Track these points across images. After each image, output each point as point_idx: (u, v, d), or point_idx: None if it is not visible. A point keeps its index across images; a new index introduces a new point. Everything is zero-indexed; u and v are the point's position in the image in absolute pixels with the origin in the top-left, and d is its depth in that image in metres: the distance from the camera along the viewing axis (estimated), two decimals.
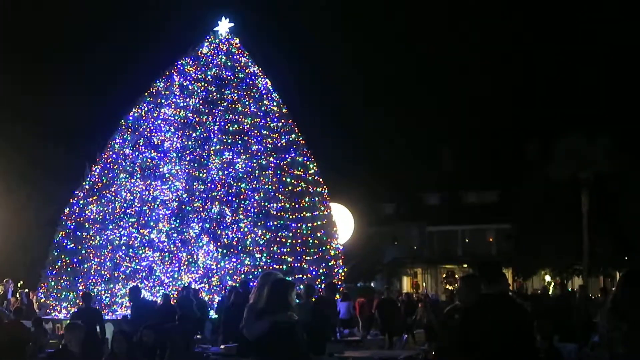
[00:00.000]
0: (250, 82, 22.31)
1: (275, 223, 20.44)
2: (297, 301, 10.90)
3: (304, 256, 20.48)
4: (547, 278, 44.78)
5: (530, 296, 23.20)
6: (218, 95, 21.71)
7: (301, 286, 14.37)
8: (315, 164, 22.46)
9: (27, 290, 22.32)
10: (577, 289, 22.90)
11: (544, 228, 38.18)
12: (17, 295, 21.67)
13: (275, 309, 6.75)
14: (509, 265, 40.70)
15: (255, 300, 7.03)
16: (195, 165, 20.69)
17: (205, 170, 20.62)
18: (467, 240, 54.35)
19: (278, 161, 21.26)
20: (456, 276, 49.81)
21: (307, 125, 24.01)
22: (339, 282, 21.52)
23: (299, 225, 20.76)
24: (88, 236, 20.67)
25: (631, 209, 35.86)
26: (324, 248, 21.22)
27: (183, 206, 20.20)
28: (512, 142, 46.97)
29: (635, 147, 35.52)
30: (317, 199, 21.84)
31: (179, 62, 22.60)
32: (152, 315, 13.45)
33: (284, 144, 21.72)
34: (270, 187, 20.74)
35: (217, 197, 20.32)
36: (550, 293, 25.12)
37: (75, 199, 21.67)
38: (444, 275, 51.55)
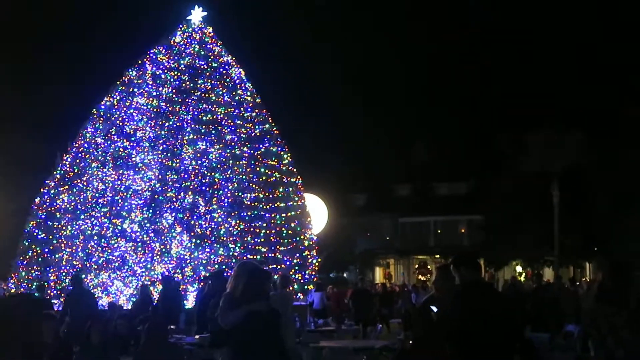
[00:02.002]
0: (224, 72, 22.22)
1: (249, 213, 20.42)
2: (272, 292, 10.90)
3: (278, 246, 20.50)
4: (519, 269, 45.27)
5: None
6: (191, 85, 21.60)
7: (276, 276, 14.36)
8: (289, 154, 22.44)
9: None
10: (552, 279, 23.09)
11: (515, 220, 38.49)
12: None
13: (250, 298, 6.70)
14: (481, 256, 40.97)
15: (232, 290, 6.95)
16: (168, 154, 20.56)
17: (178, 160, 20.50)
18: (439, 232, 54.67)
19: (252, 151, 21.21)
20: (428, 267, 50.13)
21: (281, 116, 23.97)
22: (312, 273, 21.56)
23: (273, 215, 20.76)
24: (59, 226, 20.49)
25: (600, 202, 36.22)
26: (298, 238, 21.24)
27: (156, 196, 20.08)
28: (483, 134, 47.25)
29: (604, 142, 35.83)
30: (291, 189, 21.83)
31: (152, 51, 22.44)
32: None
33: (258, 134, 21.66)
34: (244, 177, 20.70)
35: (191, 187, 20.22)
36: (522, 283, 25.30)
37: (46, 188, 21.46)
38: (417, 266, 51.83)
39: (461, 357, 6.31)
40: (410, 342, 8.35)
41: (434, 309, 7.06)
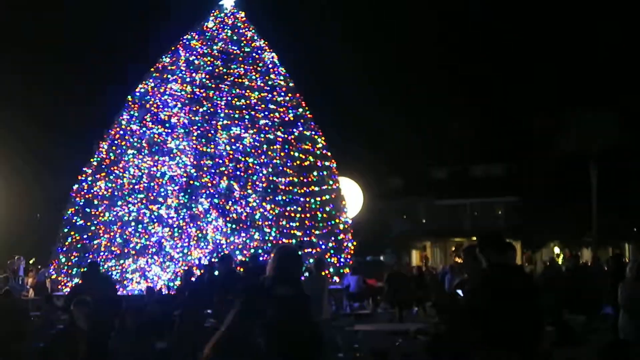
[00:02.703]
0: (257, 56, 22.16)
1: (284, 197, 20.37)
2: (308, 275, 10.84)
3: (313, 230, 20.43)
4: (557, 250, 44.80)
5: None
6: (224, 70, 21.57)
7: (311, 260, 14.29)
8: (323, 138, 22.29)
9: (40, 267, 22.38)
10: (590, 260, 22.70)
11: (552, 201, 38.06)
12: (33, 273, 21.77)
13: (277, 283, 6.65)
14: (518, 237, 40.69)
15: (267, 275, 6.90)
16: (203, 140, 20.57)
17: (212, 145, 20.51)
18: (475, 214, 54.26)
19: (286, 135, 21.14)
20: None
21: (314, 100, 23.77)
22: (348, 256, 21.45)
23: (308, 199, 20.69)
24: (97, 212, 20.61)
25: (638, 182, 35.67)
26: (332, 222, 21.14)
27: (191, 181, 20.10)
28: (519, 115, 46.68)
29: None
30: (325, 173, 21.72)
31: (185, 37, 22.45)
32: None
33: (292, 118, 21.57)
34: (278, 161, 20.66)
35: (225, 172, 20.22)
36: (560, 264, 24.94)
37: (84, 175, 21.59)
38: (453, 249, 51.47)
39: (488, 342, 6.18)
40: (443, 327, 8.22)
41: (460, 293, 6.93)
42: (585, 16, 49.75)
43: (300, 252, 7.65)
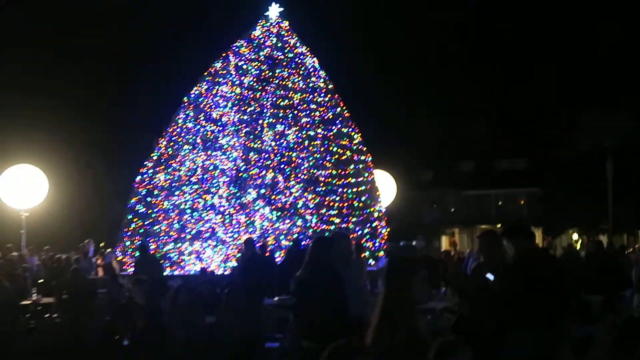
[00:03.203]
0: (299, 61, 22.11)
1: (324, 188, 20.35)
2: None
3: (350, 217, 20.39)
4: (575, 237, 44.29)
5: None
6: (270, 74, 21.58)
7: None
8: (359, 135, 22.20)
9: (109, 249, 22.70)
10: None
11: (571, 191, 37.63)
12: (101, 254, 22.08)
13: (308, 268, 6.66)
14: (539, 225, 40.32)
15: None
16: (251, 137, 20.64)
17: (259, 141, 20.56)
18: (499, 203, 53.99)
19: (325, 132, 21.10)
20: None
21: (352, 99, 23.69)
22: (382, 241, 21.37)
23: (345, 190, 20.65)
24: (157, 201, 20.83)
25: None
26: (368, 210, 21.07)
27: (240, 174, 20.19)
28: (541, 112, 46.11)
29: None
30: (361, 166, 21.64)
31: (234, 45, 22.51)
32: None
33: (331, 117, 21.52)
34: (318, 155, 20.63)
35: (271, 165, 20.27)
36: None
37: (145, 168, 21.82)
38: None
39: (519, 321, 6.12)
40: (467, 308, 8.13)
41: (490, 277, 6.84)
42: (601, 15, 48.78)
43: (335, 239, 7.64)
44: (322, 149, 20.77)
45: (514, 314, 6.19)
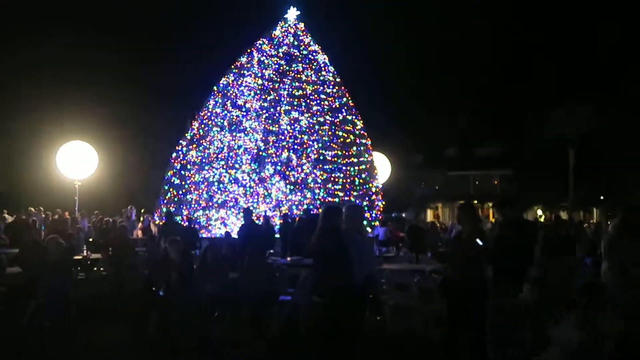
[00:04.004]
0: (312, 58, 21.90)
1: (330, 166, 20.24)
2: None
3: (351, 192, 20.31)
4: (539, 212, 44.22)
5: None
6: (287, 68, 21.39)
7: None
8: (361, 121, 22.07)
9: (147, 214, 22.64)
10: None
11: (538, 174, 37.49)
12: (142, 219, 22.03)
13: (322, 232, 6.56)
14: (496, 202, 40.21)
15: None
16: (270, 121, 20.47)
17: (277, 125, 20.40)
18: (477, 183, 54.09)
19: (332, 119, 20.95)
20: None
21: (356, 91, 23.43)
22: (378, 212, 21.26)
23: (348, 168, 20.56)
24: (189, 174, 20.74)
25: (605, 162, 34.93)
26: (367, 186, 20.99)
27: (260, 152, 20.05)
28: (514, 107, 45.81)
29: (610, 114, 34.23)
30: (362, 148, 21.52)
31: (257, 42, 22.30)
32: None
33: (337, 106, 21.35)
34: (326, 138, 20.51)
35: (286, 146, 20.13)
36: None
37: (180, 146, 21.74)
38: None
39: (503, 273, 6.10)
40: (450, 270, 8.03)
41: (480, 242, 6.79)
42: (568, 20, 48.14)
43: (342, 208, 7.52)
44: (329, 133, 20.65)
45: (499, 267, 6.18)
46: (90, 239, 17.90)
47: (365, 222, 19.30)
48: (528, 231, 6.64)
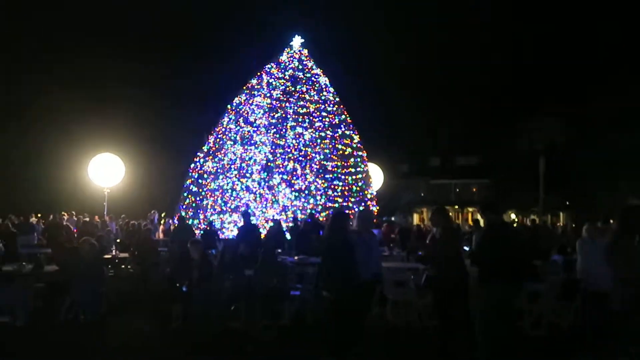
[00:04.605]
0: (314, 80, 21.77)
1: (331, 175, 20.07)
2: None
3: (350, 198, 20.13)
4: (513, 216, 44.09)
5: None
6: (292, 89, 21.24)
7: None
8: (358, 136, 21.93)
9: (168, 218, 22.44)
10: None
11: (511, 182, 37.38)
12: (163, 222, 21.83)
13: (331, 234, 6.43)
14: (480, 207, 40.03)
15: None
16: (277, 136, 20.30)
17: (283, 139, 20.22)
18: (457, 190, 54.06)
19: (333, 133, 20.80)
20: (450, 214, 49.27)
21: (353, 109, 23.29)
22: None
23: (346, 177, 20.40)
24: (206, 183, 20.55)
25: (571, 170, 34.83)
26: (363, 193, 20.81)
27: (269, 163, 19.87)
28: (489, 122, 45.77)
29: (577, 126, 34.15)
30: (358, 159, 21.36)
31: (266, 66, 22.18)
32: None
33: (337, 122, 21.21)
34: (327, 151, 20.35)
35: (292, 157, 19.95)
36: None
37: (197, 158, 21.57)
38: None
39: (489, 276, 5.85)
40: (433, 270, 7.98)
41: (466, 248, 6.83)
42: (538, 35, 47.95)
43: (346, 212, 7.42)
44: (330, 146, 20.49)
45: (485, 270, 5.96)
46: (118, 240, 17.69)
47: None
48: (510, 233, 6.45)
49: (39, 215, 23.51)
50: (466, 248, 6.88)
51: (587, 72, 38.66)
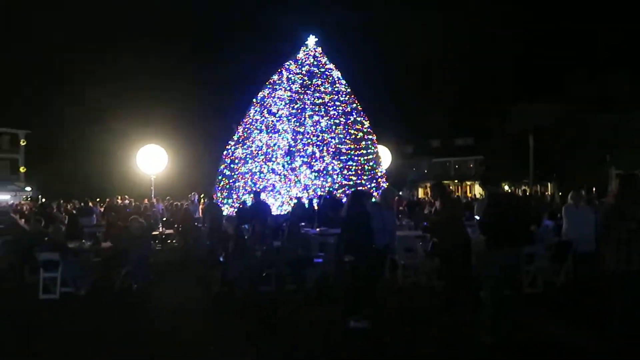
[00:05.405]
0: (328, 74, 21.39)
1: (345, 157, 19.84)
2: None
3: (362, 177, 19.92)
4: (506, 187, 43.49)
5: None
6: (309, 82, 20.91)
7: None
8: (368, 121, 21.61)
9: (206, 199, 22.46)
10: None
11: (505, 158, 36.79)
12: (202, 202, 21.86)
13: (352, 207, 6.33)
14: (480, 179, 39.52)
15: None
16: (297, 124, 20.05)
17: (303, 127, 19.99)
18: (456, 167, 53.50)
19: (346, 120, 20.49)
20: (450, 187, 48.82)
21: (364, 97, 22.92)
22: None
23: (359, 158, 20.14)
24: (237, 167, 20.46)
25: (556, 147, 34.13)
26: (374, 171, 20.58)
27: (291, 148, 19.68)
28: (484, 105, 44.99)
29: (561, 109, 33.32)
30: (369, 142, 21.06)
31: (285, 63, 21.87)
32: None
33: (349, 110, 20.88)
34: (341, 135, 20.07)
35: (311, 142, 19.73)
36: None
37: (229, 145, 21.49)
38: None
39: (491, 240, 5.66)
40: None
41: (477, 217, 6.72)
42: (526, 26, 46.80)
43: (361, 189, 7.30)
44: (344, 131, 20.20)
45: (491, 238, 5.75)
46: (164, 219, 17.79)
47: (373, 200, 18.97)
48: (510, 203, 6.20)
49: (98, 199, 23.74)
50: (477, 217, 6.73)
51: (572, 57, 37.69)
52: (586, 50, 36.33)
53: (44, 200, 26.51)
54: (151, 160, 20.28)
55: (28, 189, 41.75)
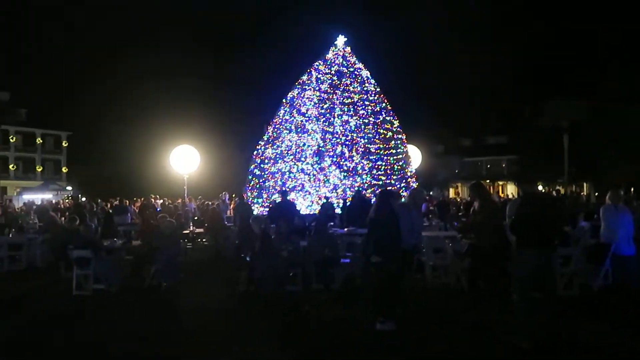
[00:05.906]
0: (357, 73, 21.18)
1: (374, 157, 19.59)
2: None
3: (392, 176, 19.63)
4: (540, 187, 42.31)
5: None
6: (338, 82, 20.74)
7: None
8: (397, 121, 21.29)
9: (237, 198, 22.60)
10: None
11: (538, 157, 35.75)
12: (233, 201, 22.00)
13: (379, 208, 6.18)
14: (514, 180, 38.56)
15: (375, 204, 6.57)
16: (326, 123, 19.92)
17: (332, 127, 19.85)
18: (488, 166, 52.39)
19: (375, 120, 20.25)
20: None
21: (393, 96, 22.61)
22: None
23: (389, 158, 19.86)
24: (267, 167, 20.48)
25: (592, 145, 32.92)
26: (403, 171, 20.26)
27: (320, 148, 19.57)
28: (517, 102, 43.85)
29: (595, 106, 32.15)
30: (399, 142, 20.76)
31: (315, 63, 21.76)
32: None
33: (378, 109, 20.62)
34: (370, 135, 19.84)
35: (340, 142, 19.56)
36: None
37: (259, 145, 21.53)
38: None
39: (521, 241, 5.41)
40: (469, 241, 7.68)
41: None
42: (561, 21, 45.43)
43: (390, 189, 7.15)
44: (373, 130, 19.96)
45: (522, 238, 5.48)
46: (195, 217, 17.95)
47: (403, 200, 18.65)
48: (545, 202, 5.90)
49: (135, 198, 24.20)
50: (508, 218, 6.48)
51: (607, 56, 36.27)
52: (620, 45, 34.87)
53: (83, 199, 27.29)
54: (184, 160, 20.50)
55: (69, 188, 43.12)
